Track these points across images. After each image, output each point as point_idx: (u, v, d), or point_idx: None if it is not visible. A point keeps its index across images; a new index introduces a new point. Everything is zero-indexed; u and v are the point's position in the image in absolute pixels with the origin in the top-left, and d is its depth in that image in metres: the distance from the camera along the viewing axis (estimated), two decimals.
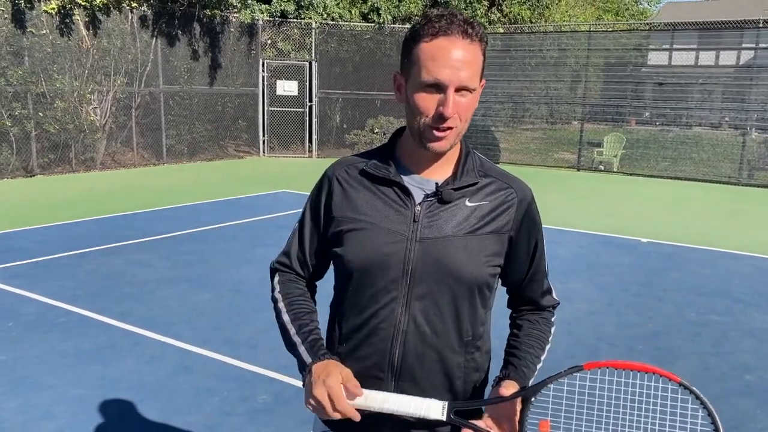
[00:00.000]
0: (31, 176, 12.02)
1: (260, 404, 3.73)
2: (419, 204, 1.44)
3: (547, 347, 1.57)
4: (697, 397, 1.27)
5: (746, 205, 11.36)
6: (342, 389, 1.34)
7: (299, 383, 3.95)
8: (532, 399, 1.32)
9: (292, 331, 1.51)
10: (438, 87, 1.34)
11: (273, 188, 11.45)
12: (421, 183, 1.47)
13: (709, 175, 14.28)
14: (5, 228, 7.88)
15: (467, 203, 1.45)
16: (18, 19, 11.52)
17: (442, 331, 1.46)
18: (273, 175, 13.19)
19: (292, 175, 13.19)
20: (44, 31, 11.89)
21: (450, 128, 1.36)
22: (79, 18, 12.39)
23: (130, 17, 13.30)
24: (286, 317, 1.54)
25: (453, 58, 1.32)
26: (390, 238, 1.43)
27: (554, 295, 1.65)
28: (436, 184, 1.45)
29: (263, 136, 16.36)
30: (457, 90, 1.34)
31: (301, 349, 1.47)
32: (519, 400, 1.34)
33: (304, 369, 1.44)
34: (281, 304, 1.56)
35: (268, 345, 4.54)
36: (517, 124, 17.84)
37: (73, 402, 3.69)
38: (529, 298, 1.61)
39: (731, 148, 14.78)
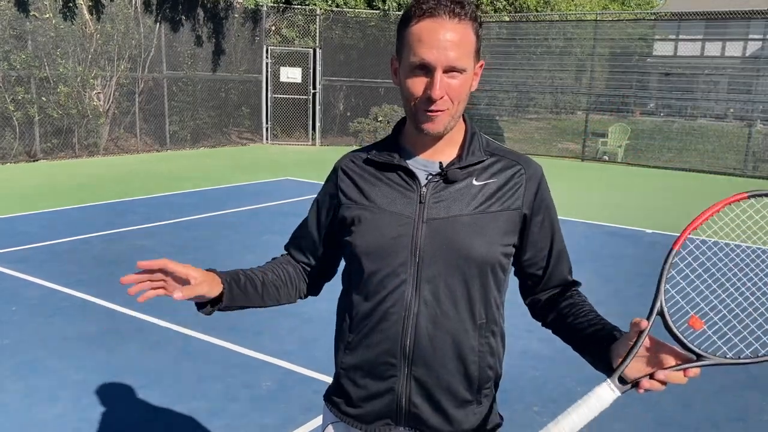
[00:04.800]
0: (34, 161, 12.00)
1: (264, 391, 3.73)
2: (425, 185, 1.43)
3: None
4: None
5: None
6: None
7: (303, 370, 3.99)
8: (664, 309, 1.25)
9: None
10: (426, 69, 1.32)
11: (276, 176, 11.43)
12: (426, 165, 1.45)
13: (715, 166, 14.21)
14: (8, 212, 7.87)
15: (474, 182, 1.43)
16: (21, 2, 11.46)
17: (454, 314, 1.43)
18: (276, 163, 13.16)
19: (295, 163, 13.16)
20: (47, 15, 11.83)
21: (441, 110, 1.34)
22: (82, 2, 12.32)
23: (133, 2, 13.22)
24: None
25: (440, 39, 1.30)
26: (397, 221, 1.42)
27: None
28: (440, 164, 1.44)
29: (266, 123, 16.30)
30: (446, 71, 1.32)
31: None
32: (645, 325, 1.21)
33: None
34: None
35: (272, 332, 4.54)
36: (521, 113, 17.75)
37: (76, 386, 3.69)
38: (560, 279, 1.55)
39: (737, 140, 14.71)
